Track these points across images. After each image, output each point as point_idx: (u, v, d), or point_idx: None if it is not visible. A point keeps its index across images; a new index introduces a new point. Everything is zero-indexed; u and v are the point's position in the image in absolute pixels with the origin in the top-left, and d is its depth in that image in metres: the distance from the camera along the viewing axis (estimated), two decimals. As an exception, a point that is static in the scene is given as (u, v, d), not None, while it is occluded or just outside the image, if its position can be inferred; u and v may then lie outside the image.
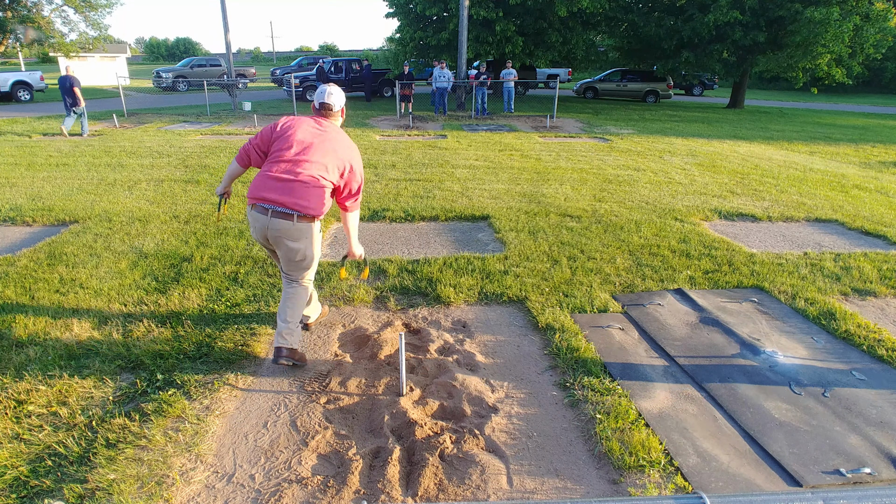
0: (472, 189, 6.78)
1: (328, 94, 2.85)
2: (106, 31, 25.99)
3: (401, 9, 21.17)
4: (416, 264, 4.21)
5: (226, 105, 17.74)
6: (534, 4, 18.72)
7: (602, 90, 25.74)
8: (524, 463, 2.19)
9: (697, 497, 1.02)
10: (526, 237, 4.91)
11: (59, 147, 9.56)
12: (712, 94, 33.53)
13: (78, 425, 2.32)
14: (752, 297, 3.83)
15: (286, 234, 2.66)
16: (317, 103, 2.86)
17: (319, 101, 2.84)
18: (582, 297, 3.69)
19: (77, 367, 2.76)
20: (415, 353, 3.03)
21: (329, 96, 2.85)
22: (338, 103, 2.88)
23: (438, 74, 16.53)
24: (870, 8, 19.24)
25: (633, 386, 2.72)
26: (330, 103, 2.85)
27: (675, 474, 2.14)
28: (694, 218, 5.76)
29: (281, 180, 2.64)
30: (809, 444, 2.33)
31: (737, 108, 22.67)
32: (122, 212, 5.52)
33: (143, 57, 75.82)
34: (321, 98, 2.84)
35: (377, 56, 39.05)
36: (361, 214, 5.63)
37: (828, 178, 8.18)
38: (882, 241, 5.22)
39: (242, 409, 2.50)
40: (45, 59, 47.19)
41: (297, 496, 1.99)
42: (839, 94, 36.51)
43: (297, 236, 2.69)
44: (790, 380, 2.82)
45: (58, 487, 1.98)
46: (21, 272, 3.93)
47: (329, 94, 2.85)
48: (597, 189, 6.94)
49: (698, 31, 19.63)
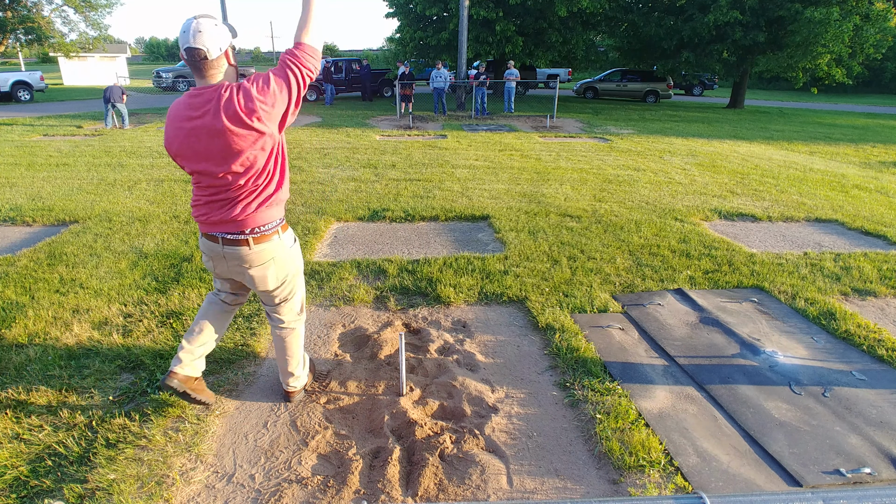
0: (472, 189, 6.78)
1: (194, 35, 1.82)
2: (106, 31, 26.02)
3: (401, 9, 21.18)
4: (416, 264, 4.21)
5: (226, 105, 17.70)
6: (534, 4, 18.72)
7: (602, 90, 25.75)
8: (524, 463, 2.19)
9: (697, 497, 1.03)
10: (526, 237, 4.91)
11: (59, 147, 9.55)
12: (712, 94, 33.53)
13: (78, 425, 2.32)
14: (752, 297, 3.83)
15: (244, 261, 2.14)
16: (183, 53, 1.87)
17: (184, 46, 1.84)
18: (582, 297, 3.69)
19: (77, 367, 2.76)
20: (415, 353, 3.03)
21: (196, 36, 1.81)
22: (213, 44, 1.84)
23: (436, 75, 16.54)
24: (870, 8, 19.23)
25: (633, 386, 2.72)
26: (198, 46, 1.82)
27: (675, 474, 2.14)
28: (694, 218, 5.76)
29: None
30: (809, 444, 2.33)
31: (737, 108, 22.67)
32: (122, 212, 5.52)
33: (143, 57, 75.82)
34: (184, 41, 1.83)
35: (377, 56, 39.04)
36: (362, 214, 5.62)
37: (828, 178, 8.18)
38: (882, 241, 5.22)
39: (242, 409, 2.50)
40: (45, 59, 47.18)
41: (297, 496, 1.99)
42: (839, 94, 36.51)
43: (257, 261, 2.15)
44: (790, 380, 2.82)
45: (58, 487, 1.98)
46: (21, 272, 3.93)
47: (196, 34, 1.81)
48: (597, 189, 6.94)
49: (698, 31, 19.63)
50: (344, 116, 15.43)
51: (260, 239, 2.09)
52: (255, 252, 2.10)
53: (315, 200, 6.10)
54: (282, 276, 2.23)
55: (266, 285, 2.21)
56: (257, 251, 2.10)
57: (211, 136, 1.88)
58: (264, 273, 2.17)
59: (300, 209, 5.74)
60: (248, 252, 2.10)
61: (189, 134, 1.91)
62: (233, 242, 2.08)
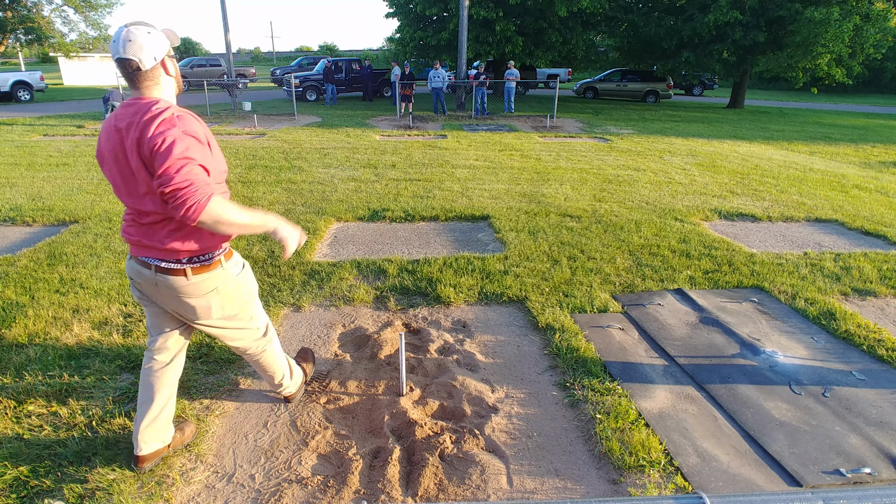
0: (472, 189, 6.78)
1: (124, 44, 1.65)
2: (106, 31, 26.03)
3: (401, 9, 21.20)
4: (416, 264, 4.21)
5: (226, 105, 17.74)
6: (534, 4, 18.73)
7: (602, 90, 25.76)
8: (524, 463, 2.19)
9: (697, 497, 1.03)
10: (526, 237, 4.91)
11: (59, 147, 9.55)
12: (712, 94, 33.53)
13: (78, 425, 2.32)
14: (752, 297, 3.83)
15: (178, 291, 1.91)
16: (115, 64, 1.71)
17: (114, 57, 1.68)
18: (582, 297, 3.69)
19: (77, 367, 2.76)
20: (415, 353, 3.03)
21: (126, 46, 1.65)
22: (146, 54, 1.68)
23: (434, 75, 16.55)
24: (870, 8, 19.24)
25: (633, 386, 2.72)
26: (129, 57, 1.66)
27: (675, 474, 2.14)
28: (694, 218, 5.76)
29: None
30: (809, 444, 2.33)
31: (737, 108, 22.68)
32: (122, 211, 5.52)
33: (143, 57, 75.62)
34: (114, 52, 1.68)
35: (377, 56, 39.08)
36: (362, 214, 5.62)
37: (828, 178, 8.18)
38: (882, 241, 5.22)
39: (242, 409, 2.50)
40: (45, 59, 47.21)
41: (297, 496, 1.99)
42: (839, 94, 36.52)
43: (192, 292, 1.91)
44: (790, 380, 2.82)
45: (58, 487, 1.98)
46: (21, 272, 3.93)
47: (126, 43, 1.65)
48: (597, 189, 6.94)
49: (698, 31, 19.64)
50: (344, 116, 15.43)
51: (199, 270, 1.86)
52: (194, 284, 1.87)
53: (315, 200, 6.10)
54: (230, 309, 2.00)
55: (210, 317, 1.96)
56: (197, 283, 1.87)
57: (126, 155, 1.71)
58: (204, 305, 1.92)
59: (300, 209, 5.74)
60: (186, 284, 1.86)
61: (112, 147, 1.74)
62: (166, 271, 1.85)
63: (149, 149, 1.62)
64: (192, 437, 2.26)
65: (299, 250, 4.42)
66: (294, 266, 4.13)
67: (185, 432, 2.24)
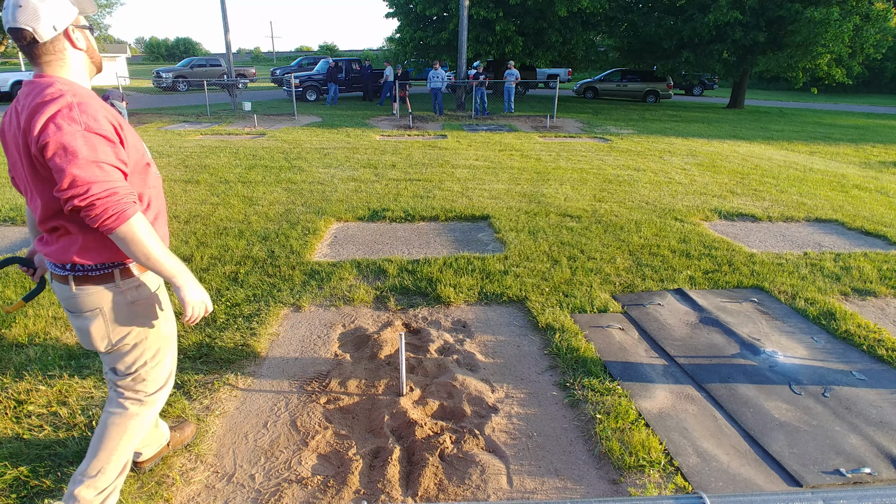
0: (472, 189, 6.78)
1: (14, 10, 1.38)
2: (106, 31, 26.03)
3: (401, 9, 21.21)
4: (416, 264, 4.21)
5: (226, 105, 17.74)
6: (534, 4, 18.74)
7: (602, 90, 25.76)
8: (524, 463, 2.19)
9: (697, 497, 1.03)
10: (526, 237, 4.91)
11: (59, 147, 9.55)
12: (712, 94, 33.54)
13: (78, 425, 2.32)
14: (752, 297, 3.83)
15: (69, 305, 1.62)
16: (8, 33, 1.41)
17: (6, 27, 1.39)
18: (582, 297, 3.69)
19: (77, 367, 2.76)
20: (415, 353, 3.03)
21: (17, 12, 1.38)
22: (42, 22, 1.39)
23: (433, 75, 16.56)
24: (870, 8, 19.26)
25: (633, 386, 2.72)
26: (20, 26, 1.38)
27: (675, 474, 2.14)
28: (694, 218, 5.76)
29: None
30: (809, 444, 2.33)
31: (737, 108, 22.69)
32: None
33: (143, 57, 75.78)
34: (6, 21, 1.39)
35: (377, 56, 39.10)
36: (362, 214, 5.62)
37: (828, 178, 8.18)
38: (882, 241, 5.22)
39: (242, 409, 2.50)
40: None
41: (297, 496, 1.99)
42: (839, 94, 36.51)
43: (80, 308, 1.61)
44: (790, 380, 2.82)
45: (58, 487, 1.98)
46: (21, 272, 3.93)
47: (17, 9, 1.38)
48: (597, 189, 6.94)
49: (698, 31, 19.65)
50: (344, 116, 15.43)
51: (83, 280, 1.55)
52: (76, 296, 1.56)
53: (315, 200, 6.10)
54: (118, 338, 1.64)
55: (91, 344, 1.64)
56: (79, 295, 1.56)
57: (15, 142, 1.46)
58: (87, 326, 1.61)
59: (300, 209, 5.74)
60: (69, 296, 1.57)
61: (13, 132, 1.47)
62: (56, 278, 1.59)
63: (38, 148, 1.36)
64: (192, 437, 2.26)
65: (297, 250, 4.42)
66: (294, 266, 4.13)
67: (185, 432, 2.24)
